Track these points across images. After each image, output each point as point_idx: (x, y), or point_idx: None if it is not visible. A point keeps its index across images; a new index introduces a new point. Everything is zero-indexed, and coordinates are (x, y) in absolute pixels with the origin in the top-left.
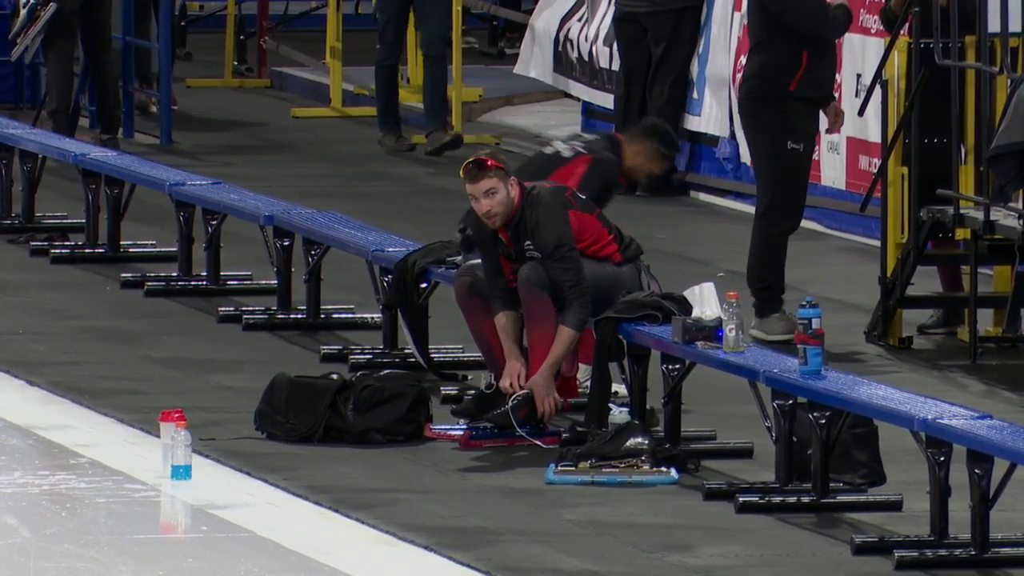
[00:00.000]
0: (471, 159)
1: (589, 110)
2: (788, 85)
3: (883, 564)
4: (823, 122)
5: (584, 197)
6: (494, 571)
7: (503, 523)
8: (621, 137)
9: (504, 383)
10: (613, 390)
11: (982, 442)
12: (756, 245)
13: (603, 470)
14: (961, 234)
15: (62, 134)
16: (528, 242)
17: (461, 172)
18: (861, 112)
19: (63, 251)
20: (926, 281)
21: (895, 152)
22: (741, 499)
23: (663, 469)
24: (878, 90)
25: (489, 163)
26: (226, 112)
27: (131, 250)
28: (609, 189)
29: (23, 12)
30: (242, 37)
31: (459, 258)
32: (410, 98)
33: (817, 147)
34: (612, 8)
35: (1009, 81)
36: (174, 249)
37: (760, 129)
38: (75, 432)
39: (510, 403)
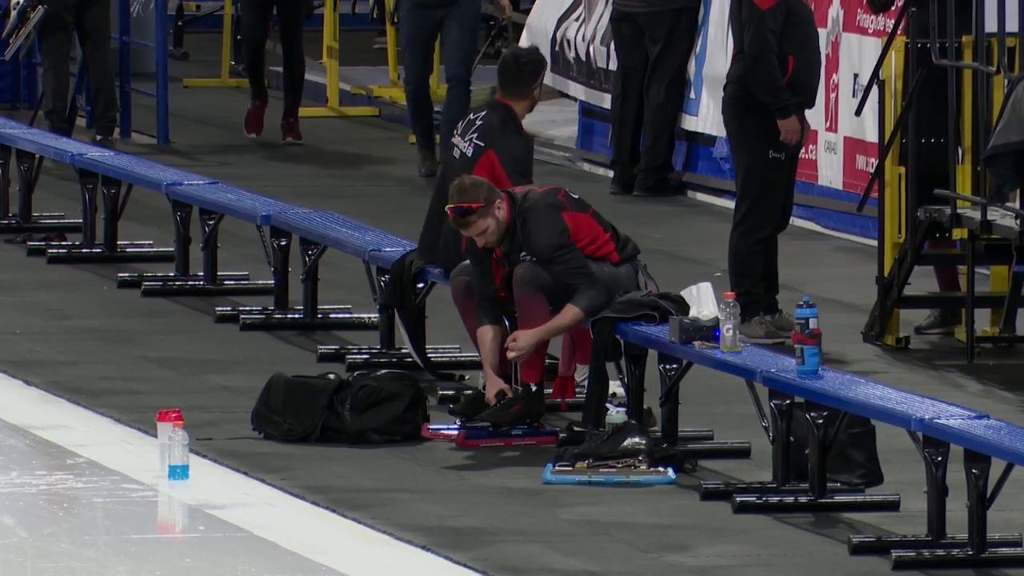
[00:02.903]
0: (452, 205)
1: (586, 110)
2: None
3: (880, 564)
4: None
5: (577, 196)
6: (491, 571)
7: (500, 523)
8: (506, 100)
9: (490, 397)
10: (611, 391)
11: (979, 442)
12: (731, 253)
13: (600, 470)
14: (958, 234)
15: (59, 134)
16: (524, 252)
17: (448, 215)
18: (858, 112)
19: (60, 251)
20: (923, 281)
21: (892, 152)
22: (738, 499)
23: (660, 469)
24: (875, 90)
25: (473, 207)
26: (223, 112)
27: (128, 250)
28: (530, 158)
29: (13, 14)
30: (239, 37)
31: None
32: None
33: (814, 147)
34: (609, 8)
35: (1006, 81)
36: (171, 249)
37: (743, 137)
38: (72, 432)
39: (504, 400)
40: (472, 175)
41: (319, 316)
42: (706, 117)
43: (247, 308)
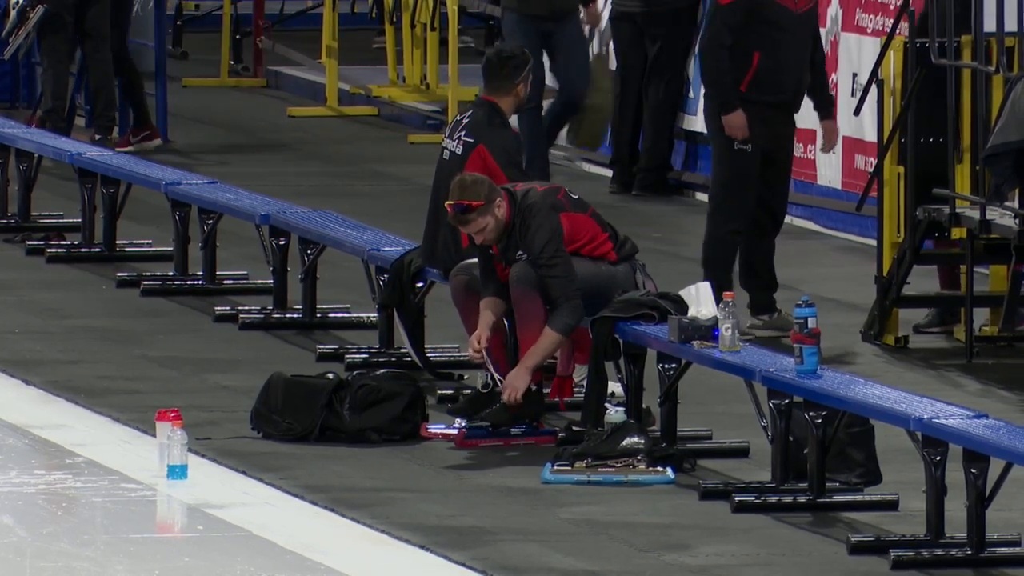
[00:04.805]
0: (451, 202)
1: None
2: (739, 85)
3: (879, 563)
4: (819, 139)
5: (577, 196)
6: (490, 570)
7: (499, 522)
8: (491, 98)
9: (470, 349)
10: (609, 390)
11: (978, 441)
12: (704, 244)
13: (599, 469)
14: (957, 233)
15: (58, 133)
16: (520, 252)
17: (448, 212)
18: (857, 111)
19: (59, 250)
20: (922, 280)
21: (891, 151)
22: (737, 498)
23: (659, 468)
24: (874, 89)
25: (473, 205)
26: (222, 111)
27: (127, 249)
28: (519, 150)
29: (13, 14)
30: (238, 36)
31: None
32: (406, 97)
33: (813, 146)
34: (608, 7)
35: (1005, 80)
36: (170, 248)
37: (713, 129)
38: (71, 431)
39: (503, 400)
40: (471, 173)
41: (318, 316)
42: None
43: (246, 307)
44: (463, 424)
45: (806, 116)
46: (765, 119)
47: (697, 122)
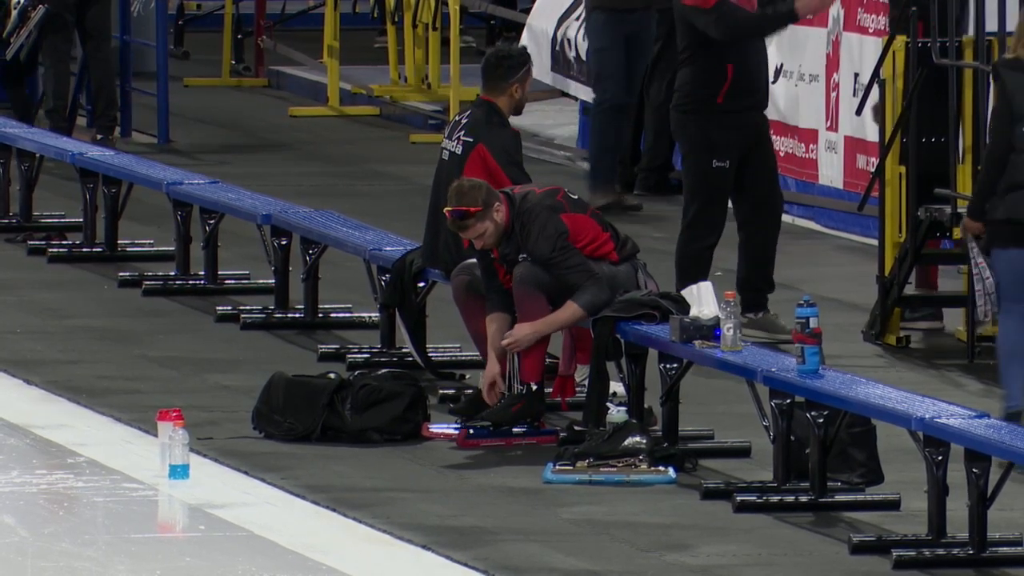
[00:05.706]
0: (449, 208)
1: (587, 109)
2: (716, 98)
3: (881, 563)
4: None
5: (576, 197)
6: (492, 570)
7: (501, 522)
8: (488, 97)
9: (483, 386)
10: (611, 390)
11: (980, 441)
12: (679, 256)
13: (601, 469)
14: (959, 233)
15: (59, 133)
16: (523, 255)
17: (447, 217)
18: (859, 111)
19: (60, 250)
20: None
21: (893, 151)
22: (739, 498)
23: (661, 468)
24: (876, 89)
25: (471, 211)
26: (224, 111)
27: (128, 249)
28: (519, 148)
29: (14, 14)
30: (239, 36)
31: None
32: (407, 97)
33: (815, 146)
34: None
35: None
36: (172, 248)
37: (686, 144)
38: (73, 431)
39: (505, 399)
40: (470, 177)
41: (320, 315)
42: None
43: (248, 307)
44: (464, 424)
45: (807, 116)
46: (741, 126)
47: None
